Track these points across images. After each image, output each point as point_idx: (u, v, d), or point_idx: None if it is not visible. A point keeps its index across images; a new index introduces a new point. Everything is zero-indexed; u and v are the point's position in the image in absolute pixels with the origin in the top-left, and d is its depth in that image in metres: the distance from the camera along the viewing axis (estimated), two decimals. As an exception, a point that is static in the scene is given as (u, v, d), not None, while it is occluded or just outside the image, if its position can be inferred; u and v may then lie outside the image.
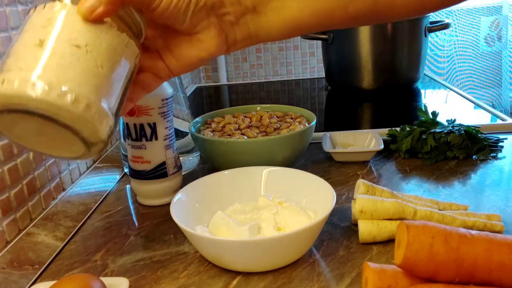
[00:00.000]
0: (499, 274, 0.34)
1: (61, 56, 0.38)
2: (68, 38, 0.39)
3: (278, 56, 1.70)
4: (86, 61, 0.39)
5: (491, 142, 0.70)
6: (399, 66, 1.10)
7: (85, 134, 0.40)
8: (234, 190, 0.55)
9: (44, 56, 0.38)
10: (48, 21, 0.39)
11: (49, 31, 0.39)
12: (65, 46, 0.39)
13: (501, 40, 1.90)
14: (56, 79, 0.38)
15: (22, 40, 0.39)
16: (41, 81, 0.37)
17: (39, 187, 0.61)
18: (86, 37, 0.40)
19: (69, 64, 0.38)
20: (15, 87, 0.37)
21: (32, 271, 0.48)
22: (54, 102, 0.37)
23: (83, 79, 0.39)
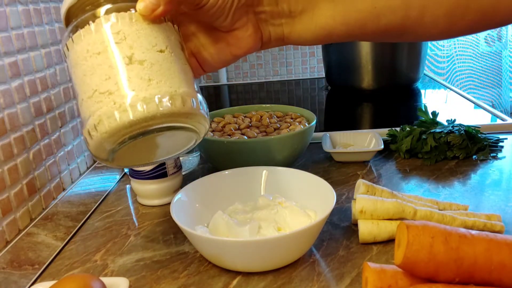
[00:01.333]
0: (499, 274, 0.34)
1: (158, 65, 0.38)
2: (150, 46, 0.39)
3: (278, 56, 1.70)
4: (175, 61, 0.39)
5: (491, 142, 0.70)
6: (399, 66, 1.10)
7: (198, 126, 0.40)
8: (234, 190, 0.55)
9: (145, 71, 0.37)
10: (120, 35, 0.38)
11: (130, 45, 0.38)
12: (154, 55, 0.38)
13: (501, 40, 1.90)
14: (169, 88, 0.38)
15: (104, 65, 0.38)
16: (161, 95, 0.37)
17: (39, 187, 0.61)
18: (162, 39, 0.39)
19: (168, 70, 0.39)
20: (143, 109, 0.36)
21: (32, 271, 0.48)
22: (179, 111, 0.38)
23: (183, 78, 0.40)
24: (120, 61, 0.37)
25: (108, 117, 0.36)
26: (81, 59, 0.39)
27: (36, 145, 0.61)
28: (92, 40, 0.38)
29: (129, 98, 0.36)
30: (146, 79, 0.37)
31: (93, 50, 0.38)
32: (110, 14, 0.39)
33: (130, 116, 0.36)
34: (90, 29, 0.38)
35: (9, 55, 0.57)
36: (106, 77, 0.37)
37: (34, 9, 0.63)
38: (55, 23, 0.68)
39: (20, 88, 0.59)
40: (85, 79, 0.38)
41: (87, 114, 0.38)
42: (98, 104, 0.37)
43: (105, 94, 0.37)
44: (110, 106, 0.36)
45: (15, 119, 0.57)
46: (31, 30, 0.62)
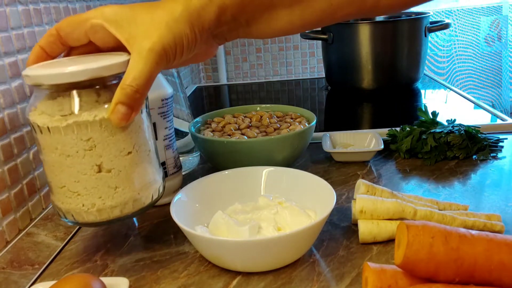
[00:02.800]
0: (499, 274, 0.34)
1: (125, 171, 0.41)
2: (118, 152, 0.41)
3: (278, 56, 1.70)
4: (141, 158, 0.43)
5: (491, 142, 0.70)
6: (399, 66, 1.10)
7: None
8: (234, 190, 0.55)
9: (113, 179, 0.41)
10: (90, 142, 0.40)
11: (100, 154, 0.40)
12: (121, 161, 0.41)
13: (501, 40, 1.90)
14: (133, 192, 0.43)
15: (73, 168, 0.40)
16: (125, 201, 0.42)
17: (39, 187, 0.61)
18: (130, 140, 0.42)
19: (133, 173, 0.42)
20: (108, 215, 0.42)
21: (32, 271, 0.48)
22: (140, 209, 0.44)
23: (147, 173, 0.44)
24: (89, 169, 0.40)
25: (76, 214, 0.42)
26: (49, 152, 0.41)
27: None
28: (62, 141, 0.40)
29: (96, 205, 0.41)
30: (113, 188, 0.41)
31: (62, 151, 0.40)
32: (80, 118, 0.39)
33: (96, 219, 0.42)
34: (59, 129, 0.39)
35: (9, 55, 0.57)
36: (75, 180, 0.40)
37: (34, 9, 0.63)
38: (55, 23, 0.68)
39: (20, 88, 0.59)
40: (54, 170, 0.41)
41: (56, 197, 0.43)
42: (67, 198, 0.42)
43: (74, 194, 0.41)
44: (79, 207, 0.41)
45: (15, 119, 0.57)
46: (31, 30, 0.62)
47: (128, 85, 0.39)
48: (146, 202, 0.44)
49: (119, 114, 0.39)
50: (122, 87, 0.39)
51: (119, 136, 0.40)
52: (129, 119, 0.40)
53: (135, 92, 0.39)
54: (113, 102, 0.39)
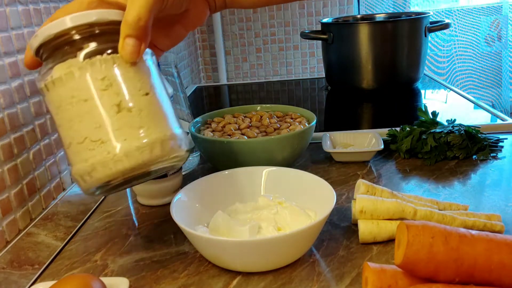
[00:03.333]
0: (499, 274, 0.34)
1: (146, 110, 0.39)
2: (136, 90, 0.39)
3: (278, 56, 1.70)
4: (159, 102, 0.41)
5: (491, 142, 0.70)
6: (399, 66, 1.10)
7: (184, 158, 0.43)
8: (234, 190, 0.55)
9: (135, 119, 0.38)
10: (106, 81, 0.38)
11: (117, 92, 0.38)
12: (141, 100, 0.39)
13: (501, 40, 1.90)
14: (159, 133, 0.39)
15: (92, 112, 0.38)
16: (152, 142, 0.38)
17: (39, 187, 0.61)
18: (145, 80, 0.40)
19: (155, 114, 0.40)
20: (136, 158, 0.38)
21: (32, 271, 0.48)
22: (169, 155, 0.40)
23: (169, 119, 0.41)
24: (108, 109, 0.38)
25: (103, 166, 0.38)
26: (66, 104, 0.39)
27: (36, 145, 0.61)
28: (77, 86, 0.38)
29: (123, 148, 0.38)
30: (137, 127, 0.38)
31: (79, 97, 0.38)
32: (93, 58, 0.39)
33: (124, 165, 0.38)
34: (73, 74, 0.38)
35: (9, 55, 0.57)
36: (96, 126, 0.38)
37: (34, 9, 0.63)
38: (55, 23, 0.68)
39: (20, 88, 0.59)
40: (73, 124, 0.39)
41: (78, 159, 0.39)
42: (90, 151, 0.38)
43: (97, 143, 0.38)
44: (104, 156, 0.38)
45: (15, 119, 0.57)
46: (31, 30, 0.62)
47: (129, 15, 0.39)
48: (174, 148, 0.40)
49: (129, 47, 0.39)
50: (125, 20, 0.39)
51: (133, 74, 0.39)
52: (139, 51, 0.39)
53: (138, 21, 0.39)
54: (121, 37, 0.39)
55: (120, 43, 0.39)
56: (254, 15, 1.67)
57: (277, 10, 1.66)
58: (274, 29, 1.68)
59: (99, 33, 0.40)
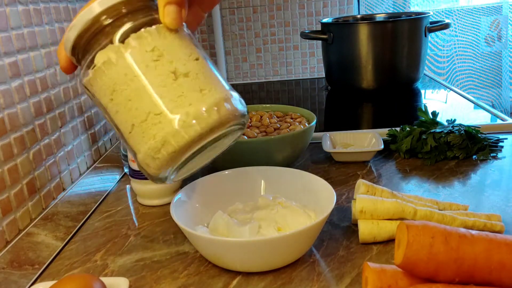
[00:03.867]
0: (499, 274, 0.34)
1: (201, 74, 0.38)
2: (187, 56, 0.38)
3: (278, 56, 1.70)
4: (210, 66, 0.40)
5: (491, 142, 0.70)
6: (399, 66, 1.10)
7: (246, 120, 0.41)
8: (234, 190, 0.55)
9: (194, 82, 0.37)
10: (156, 51, 0.38)
11: (170, 60, 0.38)
12: (194, 65, 0.38)
13: (501, 40, 1.90)
14: (221, 93, 0.38)
15: (150, 85, 0.37)
16: (217, 102, 0.38)
17: (39, 187, 0.61)
18: (192, 47, 0.40)
19: (210, 77, 0.39)
20: (207, 120, 0.37)
21: (32, 271, 0.48)
22: (235, 112, 0.39)
23: (223, 81, 0.40)
24: (166, 78, 0.37)
25: (174, 136, 0.36)
26: (121, 84, 0.37)
27: (36, 145, 0.61)
28: (128, 63, 0.37)
29: (191, 113, 0.36)
30: (198, 90, 0.37)
31: (133, 73, 0.37)
32: (138, 32, 0.38)
33: (196, 130, 0.36)
34: (121, 52, 0.37)
35: (9, 55, 0.57)
36: (158, 96, 0.36)
37: (34, 9, 0.63)
38: (55, 23, 0.68)
39: (20, 88, 0.59)
40: (132, 104, 0.37)
41: (144, 139, 0.37)
42: (156, 126, 0.36)
43: (162, 115, 0.36)
44: (173, 126, 0.36)
45: (15, 119, 0.57)
46: (31, 30, 0.62)
47: None
48: (238, 106, 0.39)
49: (170, 13, 0.38)
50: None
51: (180, 41, 0.38)
52: (181, 17, 0.39)
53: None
54: (160, 6, 0.39)
55: (160, 11, 0.39)
56: (254, 15, 1.67)
57: (277, 10, 1.66)
58: (274, 29, 1.68)
59: (133, 11, 0.39)
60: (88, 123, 0.76)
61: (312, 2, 1.65)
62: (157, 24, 0.39)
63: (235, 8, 1.67)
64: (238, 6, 1.66)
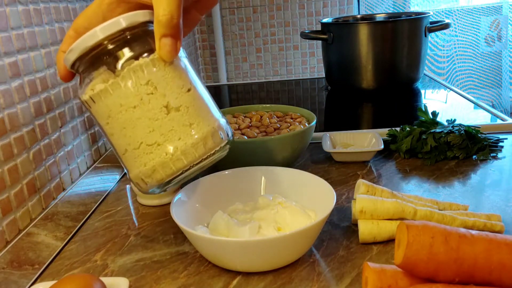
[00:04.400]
0: (499, 274, 0.34)
1: (192, 106, 0.40)
2: (179, 89, 0.40)
3: (278, 56, 1.70)
4: (200, 95, 0.42)
5: (491, 142, 0.70)
6: (399, 66, 1.10)
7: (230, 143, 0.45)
8: (234, 190, 0.55)
9: (184, 117, 0.40)
10: (150, 85, 0.39)
11: (163, 94, 0.39)
12: (185, 97, 0.40)
13: (501, 40, 1.90)
14: (208, 126, 0.41)
15: (143, 118, 0.39)
16: (204, 136, 0.40)
17: (39, 187, 0.61)
18: (185, 77, 0.41)
19: (200, 108, 0.41)
20: (194, 154, 0.40)
21: (32, 271, 0.48)
22: (220, 144, 0.42)
23: (211, 109, 0.42)
24: (158, 112, 0.39)
25: (163, 167, 0.40)
26: (116, 113, 0.40)
27: (36, 145, 0.61)
28: (123, 94, 0.39)
29: (179, 147, 0.40)
30: (188, 125, 0.40)
31: (128, 105, 0.39)
32: (132, 64, 0.39)
33: (184, 163, 0.40)
34: (118, 84, 0.39)
35: (9, 55, 0.57)
36: (149, 130, 0.39)
37: (34, 9, 0.63)
38: (55, 23, 0.68)
39: (20, 88, 0.59)
40: (126, 132, 0.40)
41: (136, 164, 0.41)
42: (148, 155, 0.40)
43: (153, 146, 0.40)
44: (163, 157, 0.40)
45: (15, 119, 0.57)
46: (31, 30, 0.62)
47: (162, 15, 0.39)
48: (224, 136, 0.42)
49: (166, 46, 0.39)
50: (157, 20, 0.39)
51: (173, 74, 0.40)
52: (176, 49, 0.40)
53: (171, 19, 0.39)
54: (156, 38, 0.40)
55: (156, 44, 0.40)
56: (254, 15, 1.67)
57: (277, 10, 1.66)
58: (274, 29, 1.68)
59: (132, 38, 0.41)
60: (88, 123, 0.76)
61: (312, 2, 1.65)
62: (153, 52, 0.40)
63: (235, 8, 1.67)
64: (238, 6, 1.66)
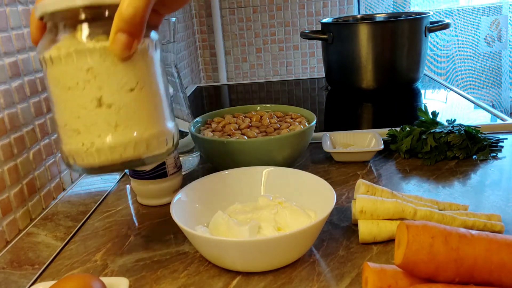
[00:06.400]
0: (499, 274, 0.34)
1: (125, 108, 0.38)
2: (119, 87, 0.38)
3: (278, 56, 1.70)
4: (144, 98, 0.39)
5: (491, 142, 0.70)
6: (399, 66, 1.10)
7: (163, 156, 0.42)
8: (234, 190, 0.55)
9: (112, 116, 0.38)
10: (90, 73, 0.37)
11: (100, 86, 0.37)
12: (123, 97, 0.38)
13: (501, 40, 1.90)
14: (134, 134, 0.39)
15: (73, 102, 0.38)
16: (126, 142, 0.38)
17: (39, 187, 0.61)
18: (133, 75, 0.39)
19: (135, 112, 0.39)
20: (107, 156, 0.38)
21: (32, 271, 0.48)
22: (142, 155, 0.39)
23: (151, 116, 0.40)
24: (89, 102, 0.38)
25: (77, 155, 0.39)
26: (54, 85, 0.39)
27: (36, 145, 0.61)
28: (63, 72, 0.38)
29: (95, 144, 0.38)
30: (113, 125, 0.38)
31: (64, 83, 0.38)
32: (82, 45, 0.37)
33: (95, 161, 0.38)
34: (60, 59, 0.38)
35: (9, 55, 0.57)
36: (75, 116, 0.38)
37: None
38: (55, 23, 0.68)
39: (20, 88, 0.59)
40: (58, 107, 0.39)
41: (63, 140, 0.40)
42: (68, 138, 0.39)
43: (74, 132, 0.38)
44: (79, 147, 0.39)
45: (15, 119, 0.57)
46: (31, 30, 0.62)
47: (125, 9, 0.36)
48: (149, 149, 0.40)
49: (120, 42, 0.37)
50: (119, 13, 0.36)
51: (120, 68, 0.38)
52: (131, 47, 0.37)
53: (133, 16, 0.36)
54: (112, 31, 0.37)
55: (111, 36, 0.37)
56: (254, 15, 1.67)
57: (277, 10, 1.66)
58: (274, 29, 1.68)
59: (95, 17, 0.38)
60: (88, 123, 0.76)
61: (312, 2, 1.65)
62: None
63: (235, 8, 1.67)
64: (238, 6, 1.66)
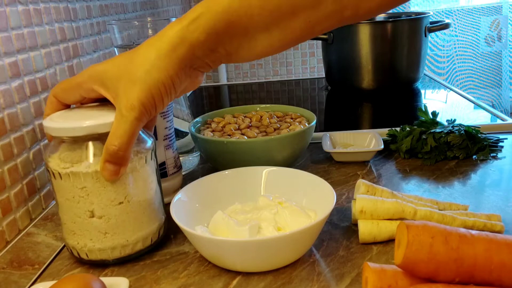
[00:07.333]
0: (499, 274, 0.34)
1: (115, 219, 0.45)
2: (109, 202, 0.45)
3: (278, 56, 1.70)
4: (132, 208, 0.46)
5: (491, 142, 0.70)
6: (399, 66, 1.10)
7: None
8: (234, 190, 0.55)
9: (103, 225, 0.45)
10: (84, 191, 0.44)
11: (92, 201, 0.45)
12: (112, 210, 0.45)
13: (501, 40, 1.90)
14: (121, 239, 0.46)
15: (71, 211, 0.46)
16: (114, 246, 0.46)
17: (39, 187, 0.61)
18: (122, 191, 0.45)
19: (123, 222, 0.46)
20: (97, 257, 0.46)
21: (32, 271, 0.48)
22: (129, 254, 0.47)
23: (139, 222, 0.47)
24: (83, 213, 0.45)
25: (73, 248, 0.47)
26: (57, 192, 0.46)
27: (36, 145, 0.61)
28: (63, 186, 0.45)
29: (87, 246, 0.46)
30: (103, 233, 0.46)
31: (63, 195, 0.45)
32: (76, 168, 0.44)
33: (87, 258, 0.47)
34: (61, 175, 0.44)
35: (9, 55, 0.57)
36: (72, 221, 0.46)
37: (34, 9, 0.63)
38: (55, 23, 0.68)
39: (20, 88, 0.59)
40: (60, 208, 0.47)
41: (62, 228, 0.48)
42: (67, 234, 0.47)
43: (71, 232, 0.47)
44: (75, 244, 0.47)
45: (15, 119, 0.57)
46: (31, 30, 0.62)
47: (111, 144, 0.42)
48: (135, 248, 0.47)
49: (108, 171, 0.43)
50: (106, 147, 0.42)
51: (110, 188, 0.44)
52: (118, 174, 0.44)
53: (118, 151, 0.42)
54: (101, 160, 0.43)
55: (100, 164, 0.43)
56: (254, 15, 1.67)
57: (277, 10, 1.66)
58: (274, 29, 1.68)
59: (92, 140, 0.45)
60: (88, 123, 0.76)
61: (312, 2, 1.64)
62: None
63: (235, 8, 1.66)
64: (238, 6, 1.66)
